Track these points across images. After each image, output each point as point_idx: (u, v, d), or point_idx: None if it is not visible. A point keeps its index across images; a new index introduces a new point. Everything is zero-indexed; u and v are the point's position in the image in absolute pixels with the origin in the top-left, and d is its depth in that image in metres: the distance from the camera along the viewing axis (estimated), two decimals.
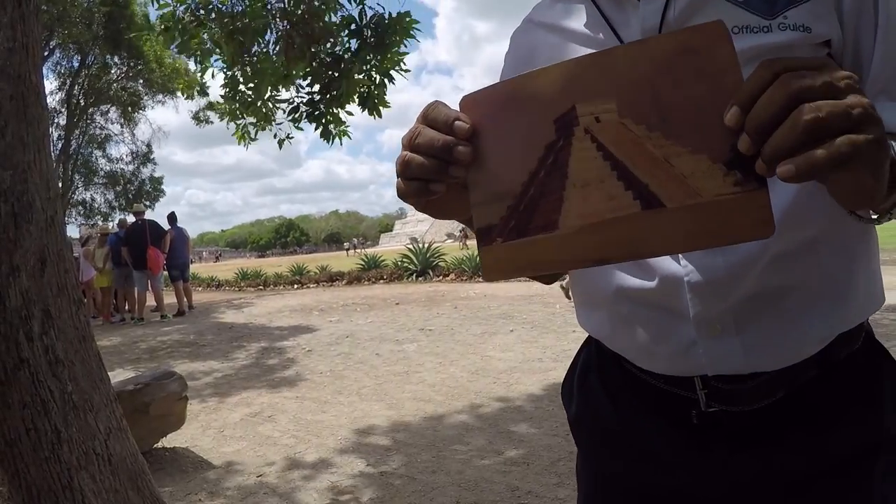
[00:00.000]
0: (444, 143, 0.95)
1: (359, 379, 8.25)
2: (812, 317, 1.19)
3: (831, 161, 0.74)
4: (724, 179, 0.82)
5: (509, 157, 0.96)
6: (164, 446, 5.80)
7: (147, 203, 32.86)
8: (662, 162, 0.86)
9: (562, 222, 0.92)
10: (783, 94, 0.76)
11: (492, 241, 0.97)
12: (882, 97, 1.16)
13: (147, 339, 12.70)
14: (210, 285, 26.80)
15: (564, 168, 0.91)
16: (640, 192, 0.87)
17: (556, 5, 1.40)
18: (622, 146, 0.88)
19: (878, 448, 1.25)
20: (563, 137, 0.92)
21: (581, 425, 1.55)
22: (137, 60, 23.63)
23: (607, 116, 0.89)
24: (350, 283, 22.40)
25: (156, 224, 15.91)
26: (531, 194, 0.94)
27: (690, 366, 1.25)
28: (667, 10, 1.18)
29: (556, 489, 4.52)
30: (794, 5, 1.12)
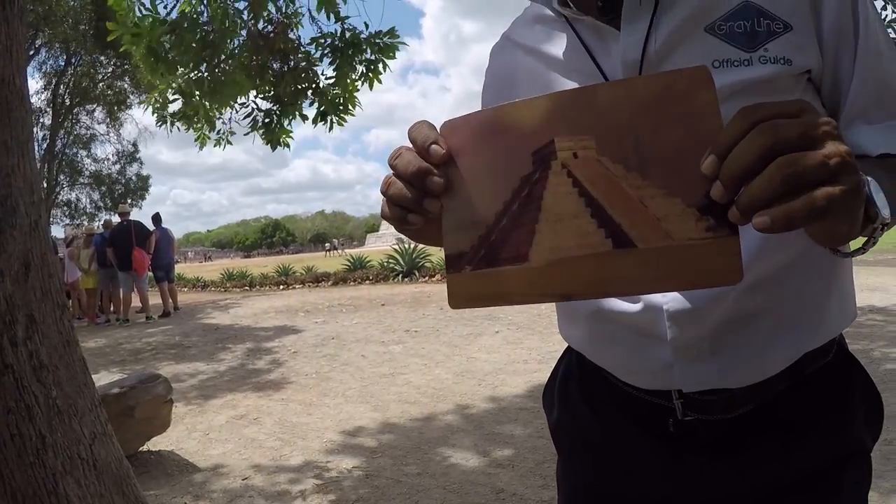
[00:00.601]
0: (418, 169, 0.95)
1: (344, 381, 8.25)
2: (785, 337, 1.22)
3: (807, 214, 0.75)
4: (696, 224, 0.82)
5: (485, 185, 0.96)
6: (150, 449, 5.79)
7: (133, 203, 32.74)
8: (637, 203, 0.86)
9: (532, 255, 0.91)
10: (759, 146, 0.76)
11: (460, 269, 0.97)
12: (859, 121, 1.19)
13: (132, 340, 12.64)
14: (195, 286, 26.70)
15: (539, 201, 0.91)
16: (613, 230, 0.87)
17: (536, 27, 1.40)
18: (598, 184, 0.88)
19: (849, 458, 1.29)
20: (539, 170, 0.92)
21: (561, 433, 1.57)
22: (124, 59, 23.50)
23: (585, 153, 0.89)
24: (336, 283, 22.34)
25: (141, 225, 15.82)
26: (503, 225, 0.94)
27: (667, 382, 1.28)
28: (647, 42, 1.18)
29: (541, 491, 4.54)
30: (774, 37, 1.13)
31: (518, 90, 1.39)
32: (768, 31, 1.13)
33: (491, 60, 1.53)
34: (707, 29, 1.15)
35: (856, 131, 1.20)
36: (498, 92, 1.46)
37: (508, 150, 0.94)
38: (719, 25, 1.14)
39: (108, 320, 16.15)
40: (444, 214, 0.98)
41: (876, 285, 13.18)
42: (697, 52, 1.15)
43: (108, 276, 15.91)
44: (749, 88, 1.11)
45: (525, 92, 1.36)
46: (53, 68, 29.99)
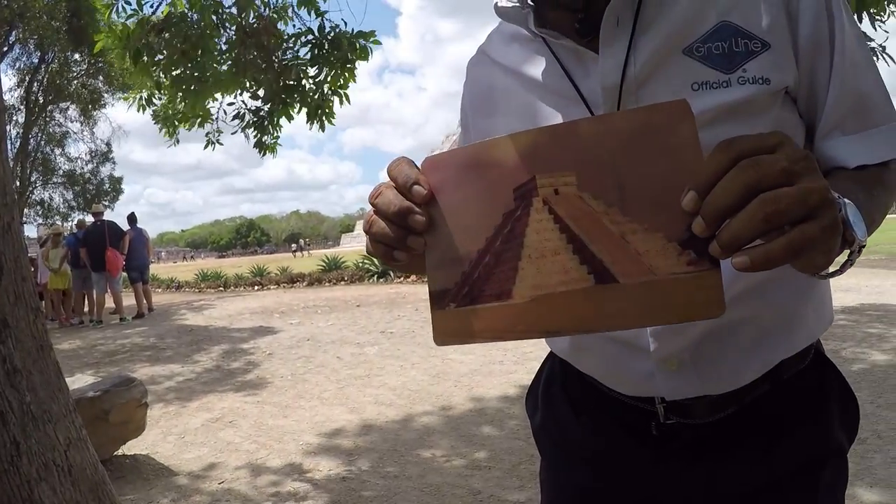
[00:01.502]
0: (400, 208, 0.95)
1: (320, 383, 8.23)
2: (765, 346, 1.24)
3: (786, 253, 0.76)
4: (678, 258, 0.83)
5: (467, 222, 0.96)
6: (125, 454, 5.74)
7: (106, 203, 32.53)
8: (618, 238, 0.86)
9: (515, 292, 0.92)
10: (741, 184, 0.77)
11: (445, 306, 0.97)
12: (836, 132, 1.21)
13: (106, 342, 12.56)
14: (169, 286, 26.55)
15: (521, 238, 0.92)
16: (595, 266, 0.87)
17: (513, 45, 1.38)
18: (579, 220, 0.89)
19: (826, 459, 1.32)
20: (521, 207, 0.92)
21: (545, 435, 1.59)
22: (98, 57, 23.35)
23: (566, 189, 0.89)
24: (311, 284, 22.29)
25: (115, 225, 15.70)
26: (486, 262, 0.94)
27: (649, 390, 1.30)
28: (626, 66, 1.18)
29: (517, 492, 4.55)
30: (753, 56, 1.13)
31: (497, 110, 1.39)
32: (746, 50, 1.13)
33: (468, 76, 1.52)
34: (685, 51, 1.15)
35: (832, 143, 1.21)
36: (477, 111, 1.46)
37: (490, 187, 0.94)
38: (697, 47, 1.15)
39: (81, 322, 16.03)
40: (427, 251, 0.99)
41: (849, 286, 13.31)
42: (676, 75, 1.16)
43: (81, 277, 15.78)
44: (727, 113, 1.12)
45: (504, 112, 1.37)
46: (27, 65, 29.85)
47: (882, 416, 5.55)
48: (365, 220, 1.01)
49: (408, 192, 0.96)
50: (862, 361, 7.34)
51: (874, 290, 13.12)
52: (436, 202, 0.98)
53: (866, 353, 7.74)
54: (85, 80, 30.85)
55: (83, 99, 31.26)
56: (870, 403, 5.87)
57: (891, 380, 6.61)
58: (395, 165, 1.00)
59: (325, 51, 8.00)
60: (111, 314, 16.16)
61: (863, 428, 5.07)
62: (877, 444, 4.99)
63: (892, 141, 1.22)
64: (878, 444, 4.97)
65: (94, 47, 7.77)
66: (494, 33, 1.47)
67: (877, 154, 1.20)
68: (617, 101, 1.18)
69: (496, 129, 1.35)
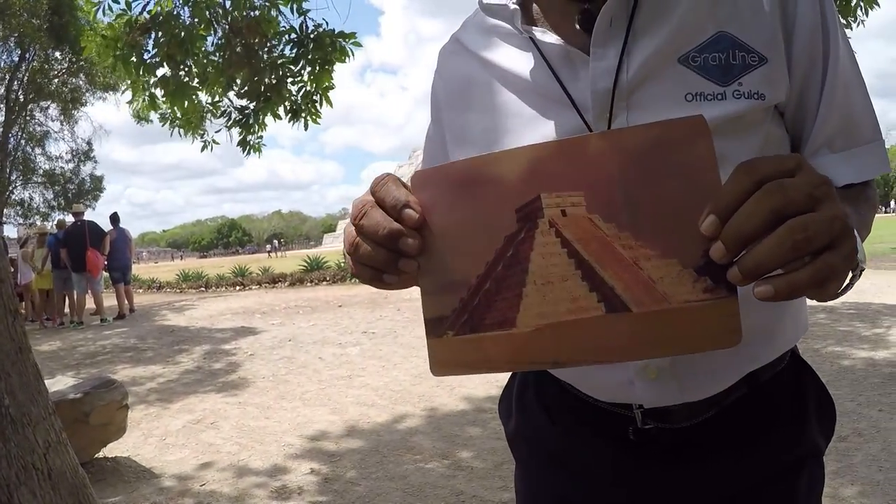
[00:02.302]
0: (389, 232, 0.90)
1: (302, 383, 8.22)
2: (744, 354, 1.23)
3: (812, 283, 0.75)
4: (693, 285, 0.80)
5: (464, 245, 0.91)
6: (106, 456, 5.72)
7: (87, 203, 32.32)
8: (631, 264, 0.82)
9: (519, 320, 0.87)
10: (767, 209, 0.75)
11: (442, 334, 0.91)
12: (825, 149, 1.20)
13: (87, 343, 12.49)
14: (151, 287, 26.41)
15: (525, 263, 0.87)
16: (606, 294, 0.83)
17: (493, 38, 1.32)
18: (589, 244, 0.84)
19: (803, 461, 1.32)
20: (524, 229, 0.87)
21: (519, 441, 1.57)
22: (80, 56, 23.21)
23: (575, 210, 0.85)
24: (293, 284, 22.23)
25: (95, 225, 15.57)
26: (487, 288, 0.89)
27: (627, 397, 1.29)
28: (619, 71, 1.14)
29: (500, 493, 4.55)
30: (749, 70, 1.11)
31: (472, 105, 1.34)
32: (743, 63, 1.10)
33: (441, 64, 1.46)
34: (681, 60, 1.12)
35: (821, 161, 1.20)
36: (451, 104, 1.40)
37: (489, 207, 0.89)
38: (693, 57, 1.12)
39: (62, 323, 15.92)
40: (421, 275, 0.93)
41: None
42: (670, 83, 1.12)
43: (61, 278, 15.66)
44: (722, 126, 1.09)
45: (480, 108, 1.32)
46: (7, 63, 29.64)
47: (862, 414, 5.60)
48: (348, 242, 0.95)
49: (397, 215, 0.90)
50: (841, 360, 7.39)
51: (854, 289, 13.15)
52: (429, 222, 0.92)
53: (846, 351, 7.80)
54: (66, 79, 30.68)
55: (64, 98, 31.09)
56: (850, 402, 5.92)
57: (870, 378, 6.66)
58: (381, 185, 0.93)
59: (307, 49, 8.01)
60: (92, 315, 16.07)
61: (843, 426, 5.15)
62: (857, 441, 5.03)
63: (877, 159, 1.22)
64: (859, 442, 5.01)
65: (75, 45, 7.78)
66: (470, 23, 1.41)
67: (864, 172, 1.20)
68: (609, 106, 1.14)
69: (471, 125, 1.33)
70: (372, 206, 0.92)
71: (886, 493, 4.19)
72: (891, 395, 6.10)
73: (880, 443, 4.99)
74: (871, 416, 5.55)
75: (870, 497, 4.14)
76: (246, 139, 8.77)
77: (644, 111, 1.13)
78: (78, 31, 21.90)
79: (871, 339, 8.44)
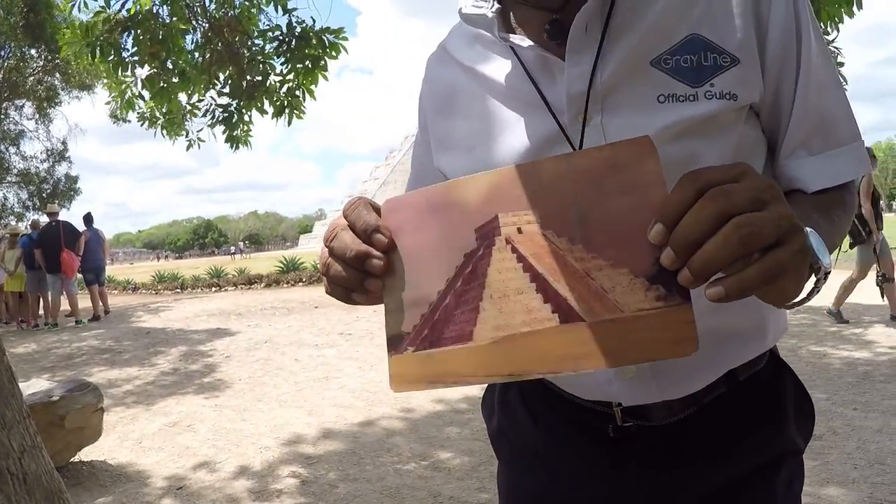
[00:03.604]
0: (357, 253, 0.94)
1: (278, 385, 8.22)
2: (723, 355, 1.25)
3: (761, 280, 0.77)
4: (646, 294, 0.81)
5: (427, 264, 0.94)
6: (81, 460, 5.68)
7: (62, 203, 32.09)
8: (583, 276, 0.84)
9: (476, 334, 0.89)
10: (712, 212, 0.76)
11: (402, 350, 0.95)
12: (801, 150, 1.22)
13: (62, 345, 12.42)
14: (126, 288, 26.26)
15: (483, 278, 0.90)
16: (559, 305, 0.85)
17: (476, 46, 1.35)
18: (543, 258, 0.87)
19: (781, 460, 1.33)
20: (483, 247, 0.90)
21: (502, 439, 1.58)
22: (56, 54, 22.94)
23: (529, 227, 0.88)
24: (269, 285, 22.17)
25: (70, 225, 15.45)
26: (447, 304, 0.92)
27: (606, 396, 1.31)
28: (594, 75, 1.16)
29: (477, 494, 4.56)
30: (721, 71, 1.12)
31: (457, 112, 1.37)
32: (715, 65, 1.12)
33: (428, 72, 1.49)
34: (653, 62, 1.14)
35: (797, 163, 1.22)
36: (437, 110, 1.43)
37: (451, 228, 0.93)
38: (665, 59, 1.13)
39: (36, 325, 15.79)
40: (384, 294, 0.97)
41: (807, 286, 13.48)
42: (643, 86, 1.14)
43: (35, 279, 15.54)
44: (694, 128, 1.11)
45: (464, 115, 1.35)
46: None
47: (838, 413, 5.66)
48: (321, 263, 1.00)
49: (367, 239, 0.95)
50: (819, 359, 7.47)
51: (831, 289, 13.31)
52: (395, 244, 0.96)
53: (823, 351, 7.89)
54: (41, 77, 30.39)
55: (39, 96, 30.80)
56: (826, 400, 5.98)
57: (846, 377, 6.74)
58: (352, 209, 0.98)
59: (291, 47, 8.01)
60: (67, 317, 15.96)
61: (819, 425, 5.19)
62: (833, 440, 5.10)
63: (854, 161, 1.23)
64: (835, 441, 5.07)
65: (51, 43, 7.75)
66: (456, 31, 1.44)
67: (840, 175, 1.22)
68: (583, 109, 1.16)
69: (455, 131, 1.36)
70: (343, 228, 0.97)
71: (861, 490, 4.24)
72: (865, 393, 6.18)
73: (855, 441, 5.05)
74: (847, 415, 5.62)
75: (845, 495, 4.18)
76: (232, 134, 8.75)
77: (618, 113, 1.15)
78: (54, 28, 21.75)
79: (848, 339, 8.55)
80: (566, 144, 1.18)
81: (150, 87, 7.94)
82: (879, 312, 10.38)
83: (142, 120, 9.05)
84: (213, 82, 8.29)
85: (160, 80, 7.87)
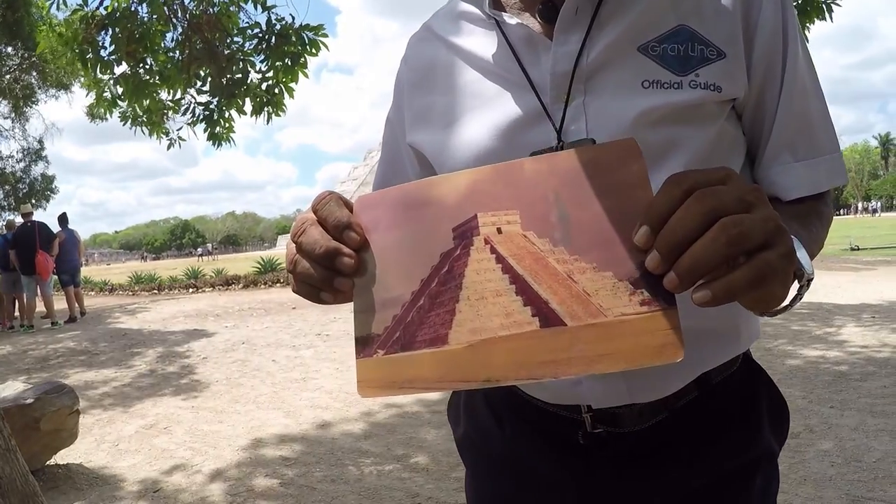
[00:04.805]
0: (326, 249, 0.91)
1: (255, 387, 8.19)
2: (695, 358, 1.23)
3: (749, 283, 0.76)
4: (630, 298, 0.79)
5: (401, 264, 0.91)
6: (57, 463, 5.63)
7: (37, 203, 31.82)
8: (565, 278, 0.82)
9: (451, 337, 0.86)
10: (699, 212, 0.76)
11: (371, 354, 0.90)
12: (786, 153, 1.22)
13: (38, 347, 12.31)
14: (102, 289, 26.07)
15: (460, 279, 0.87)
16: (540, 308, 0.82)
17: (461, 22, 1.35)
18: (523, 259, 0.84)
19: (757, 463, 1.33)
20: (461, 246, 0.88)
21: (468, 447, 1.57)
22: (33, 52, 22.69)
23: (510, 228, 0.86)
24: (246, 286, 22.06)
25: (45, 226, 15.24)
26: (421, 305, 0.89)
27: (575, 398, 1.29)
28: (580, 56, 1.16)
29: (456, 494, 4.57)
30: (707, 63, 1.13)
31: (436, 87, 1.36)
32: (701, 56, 1.13)
33: (408, 51, 1.48)
34: (640, 48, 1.15)
35: (781, 168, 1.23)
36: (415, 87, 1.41)
37: (428, 226, 0.90)
38: (653, 46, 1.14)
39: (11, 326, 15.63)
40: (355, 293, 0.93)
41: None
42: (628, 69, 1.15)
43: (10, 280, 15.37)
44: (676, 113, 1.12)
45: (443, 90, 1.34)
46: None
47: (814, 411, 5.71)
48: (288, 259, 0.96)
49: (339, 235, 0.92)
50: (794, 358, 7.51)
51: None
52: (367, 243, 0.93)
53: (798, 350, 7.94)
54: (18, 76, 30.12)
55: (15, 95, 30.51)
56: (802, 399, 6.04)
57: (822, 375, 6.80)
58: (323, 204, 0.95)
59: (271, 44, 8.00)
60: (42, 318, 15.82)
61: (795, 423, 5.24)
62: (809, 438, 5.14)
63: (833, 172, 1.24)
64: (811, 439, 5.12)
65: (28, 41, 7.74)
66: (442, 10, 1.44)
67: (818, 184, 1.23)
68: (567, 89, 1.16)
69: (434, 107, 1.35)
70: (312, 223, 0.94)
71: (839, 487, 4.28)
72: (841, 392, 6.24)
73: (832, 439, 5.10)
74: (823, 413, 5.67)
75: (822, 492, 4.22)
76: (214, 132, 8.72)
77: (600, 95, 1.16)
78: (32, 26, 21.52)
79: (823, 339, 8.61)
80: (547, 123, 1.17)
81: (124, 86, 7.90)
82: (851, 312, 10.47)
83: (123, 119, 9.00)
84: (192, 80, 8.26)
85: (135, 78, 7.83)
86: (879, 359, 7.46)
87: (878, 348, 7.97)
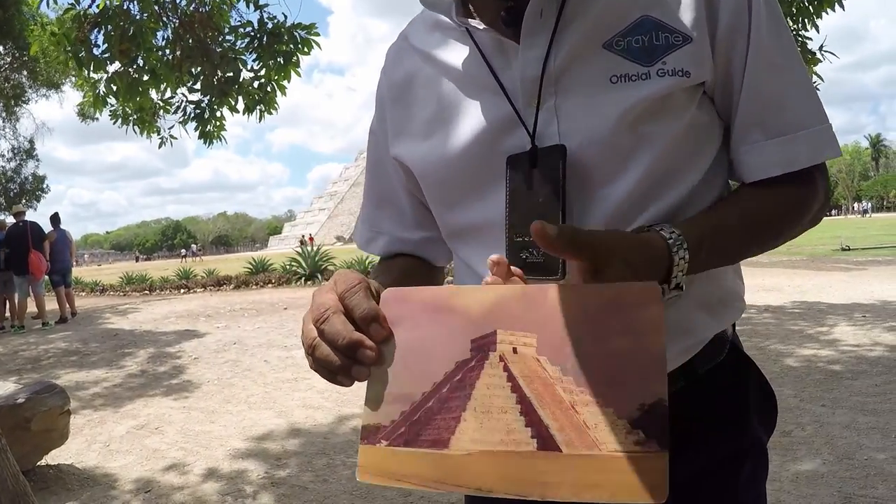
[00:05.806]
0: (350, 342, 0.92)
1: (247, 387, 8.19)
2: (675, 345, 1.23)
3: None
4: (626, 436, 0.81)
5: (418, 363, 0.94)
6: (48, 463, 5.61)
7: (28, 203, 31.76)
8: (569, 407, 0.85)
9: (453, 443, 0.89)
10: None
11: (375, 442, 0.93)
12: (755, 131, 1.21)
13: (29, 347, 12.29)
14: (94, 290, 26.02)
15: (470, 389, 0.90)
16: (539, 431, 0.85)
17: (436, 33, 1.37)
18: (533, 382, 0.87)
19: (745, 452, 1.34)
20: (476, 359, 0.90)
21: None
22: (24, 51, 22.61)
23: (525, 350, 0.88)
24: (238, 287, 22.06)
25: (37, 226, 15.21)
26: (429, 406, 0.92)
27: None
28: (548, 58, 1.17)
29: (448, 493, 4.55)
30: (673, 49, 1.13)
31: (415, 100, 1.38)
32: (667, 43, 1.13)
33: (387, 62, 1.49)
34: (605, 45, 1.15)
35: (747, 148, 1.21)
36: (395, 99, 1.43)
37: (448, 333, 0.93)
38: (617, 41, 1.15)
39: (2, 327, 15.57)
40: (369, 382, 0.96)
41: (772, 286, 13.72)
42: (595, 68, 1.15)
43: (1, 281, 15.32)
44: (648, 107, 1.12)
45: (422, 103, 1.36)
46: None
47: (805, 410, 5.74)
48: (306, 343, 0.97)
49: (365, 327, 0.94)
50: (785, 358, 7.54)
51: (796, 289, 13.59)
52: (391, 335, 0.96)
53: (789, 349, 7.98)
54: (8, 75, 30.04)
55: (6, 94, 30.43)
56: (793, 398, 6.06)
57: (813, 374, 6.84)
58: (352, 293, 0.97)
59: (263, 43, 7.99)
60: (33, 319, 15.78)
61: (787, 421, 5.26)
62: (801, 436, 5.17)
63: (814, 144, 1.20)
64: (802, 437, 5.15)
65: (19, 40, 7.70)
66: (418, 19, 1.45)
67: (796, 161, 1.19)
68: (537, 92, 1.17)
69: (414, 120, 1.36)
70: (334, 312, 0.95)
71: (830, 485, 4.30)
72: (833, 390, 6.27)
73: (823, 437, 5.13)
74: (814, 412, 5.69)
75: (814, 490, 4.24)
76: (205, 130, 8.72)
77: (570, 96, 1.17)
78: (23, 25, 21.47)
79: (814, 338, 8.65)
80: (521, 128, 1.19)
81: (118, 84, 7.88)
82: (843, 311, 10.51)
83: (114, 117, 8.98)
84: (184, 79, 8.26)
85: (128, 77, 7.82)
86: (871, 357, 7.51)
87: (870, 347, 8.01)
